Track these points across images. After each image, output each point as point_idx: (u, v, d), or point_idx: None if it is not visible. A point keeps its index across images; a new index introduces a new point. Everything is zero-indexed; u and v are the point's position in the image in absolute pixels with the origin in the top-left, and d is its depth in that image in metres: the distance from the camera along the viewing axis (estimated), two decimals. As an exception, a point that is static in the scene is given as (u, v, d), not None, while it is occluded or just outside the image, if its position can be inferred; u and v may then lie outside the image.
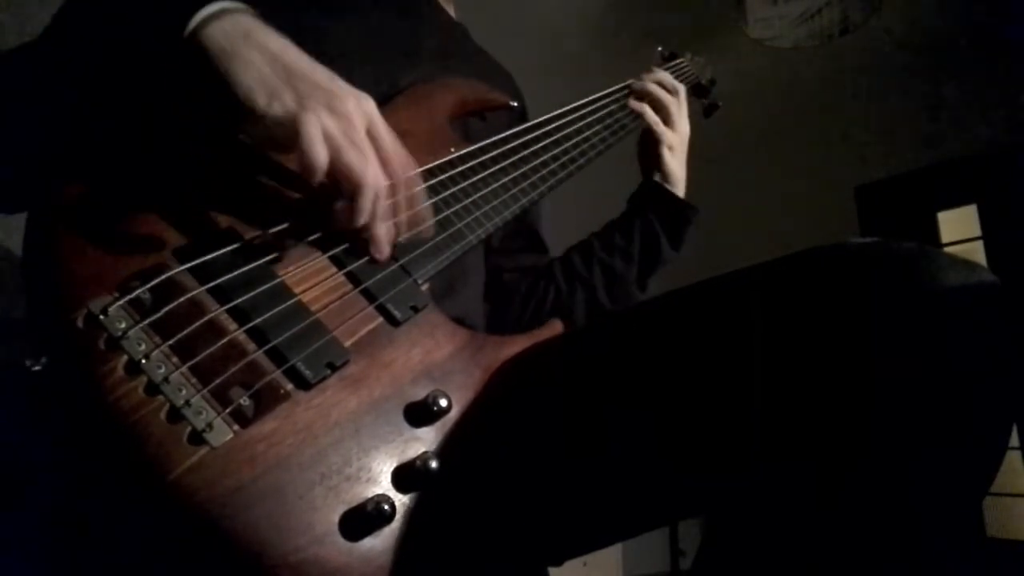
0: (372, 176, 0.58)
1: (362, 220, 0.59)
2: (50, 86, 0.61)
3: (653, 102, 1.10)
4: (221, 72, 0.56)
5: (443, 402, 0.57)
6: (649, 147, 1.11)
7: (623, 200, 1.16)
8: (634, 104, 1.09)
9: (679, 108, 1.12)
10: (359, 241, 0.62)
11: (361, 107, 0.59)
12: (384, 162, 0.60)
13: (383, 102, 0.80)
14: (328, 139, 0.56)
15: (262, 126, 0.57)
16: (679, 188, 1.12)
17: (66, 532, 0.52)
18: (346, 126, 0.57)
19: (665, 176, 1.11)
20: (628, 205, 1.14)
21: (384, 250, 0.62)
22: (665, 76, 1.14)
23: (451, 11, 1.08)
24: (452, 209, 0.74)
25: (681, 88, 1.14)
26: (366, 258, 0.63)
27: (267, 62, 0.57)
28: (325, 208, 0.63)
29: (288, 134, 0.55)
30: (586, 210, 1.16)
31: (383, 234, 0.62)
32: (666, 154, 1.10)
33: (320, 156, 0.55)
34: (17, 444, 0.55)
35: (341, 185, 0.58)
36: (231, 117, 0.58)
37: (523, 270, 1.09)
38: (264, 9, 0.77)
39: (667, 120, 1.10)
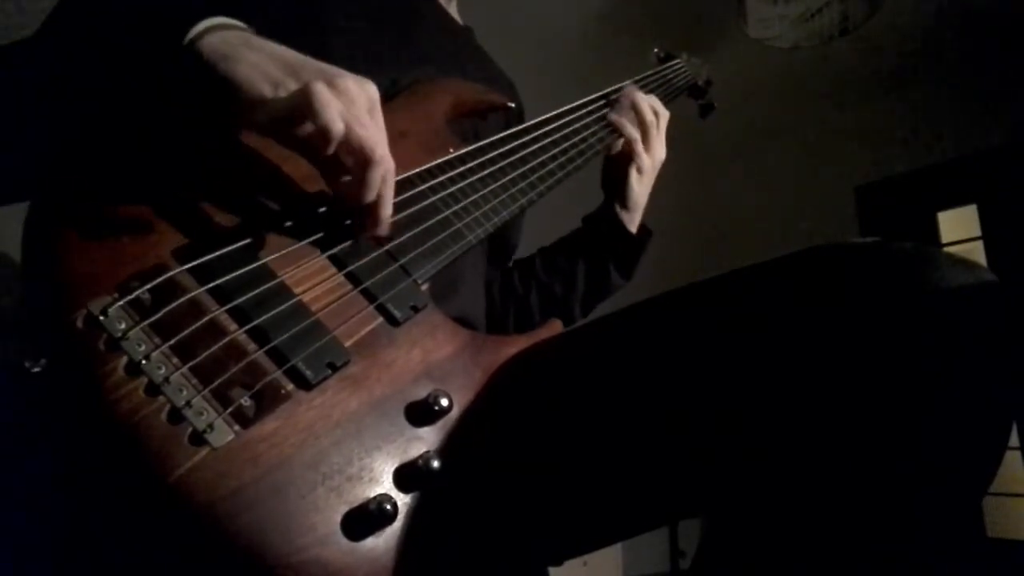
0: (383, 149, 0.58)
1: (371, 195, 0.59)
2: (45, 84, 0.61)
3: (632, 120, 1.05)
4: (221, 73, 0.56)
5: (444, 402, 0.57)
6: (617, 165, 1.06)
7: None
8: (613, 117, 1.04)
9: (659, 132, 1.07)
10: (358, 235, 0.62)
11: (363, 89, 0.59)
12: None
13: (382, 102, 0.80)
14: (338, 113, 0.56)
15: (268, 111, 0.56)
16: (638, 214, 1.07)
17: (67, 534, 0.51)
18: (350, 104, 0.57)
19: (625, 200, 1.06)
20: (583, 224, 1.11)
21: (384, 228, 0.62)
22: (651, 97, 1.08)
23: (454, 13, 1.08)
24: (452, 209, 0.74)
25: (664, 114, 1.08)
26: (366, 258, 0.63)
27: (267, 60, 0.57)
28: (326, 207, 0.64)
29: (299, 109, 0.55)
30: (576, 213, 1.14)
31: (388, 213, 0.61)
32: (633, 176, 1.05)
33: (337, 121, 0.55)
34: (16, 446, 0.55)
35: (351, 159, 0.58)
36: (232, 114, 0.58)
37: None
38: (265, 10, 0.77)
39: (644, 139, 1.05)
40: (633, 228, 1.07)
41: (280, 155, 0.63)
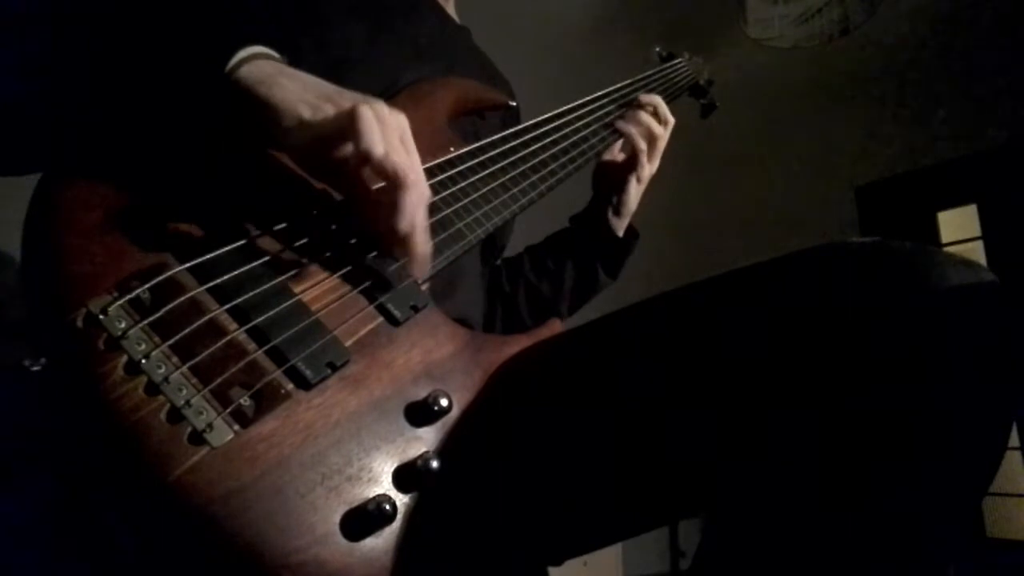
0: (416, 175, 0.59)
1: (403, 220, 0.59)
2: (54, 78, 0.61)
3: (643, 130, 1.05)
4: (260, 98, 0.58)
5: (444, 402, 0.57)
6: (616, 171, 1.06)
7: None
8: (625, 128, 1.04)
9: (662, 142, 1.07)
10: (381, 244, 0.63)
11: (395, 116, 0.60)
12: None
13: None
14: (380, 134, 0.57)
15: (310, 132, 0.58)
16: (627, 220, 1.08)
17: (66, 533, 0.51)
18: (386, 129, 0.58)
19: (620, 205, 1.06)
20: (571, 224, 1.11)
21: (424, 268, 0.63)
22: (661, 104, 1.08)
23: (452, 12, 1.08)
24: (452, 208, 0.74)
25: (671, 121, 1.09)
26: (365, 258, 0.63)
27: (302, 87, 0.59)
28: (325, 207, 0.64)
29: (342, 129, 0.57)
30: (568, 213, 1.14)
31: (423, 246, 0.62)
32: (632, 184, 1.06)
33: (379, 144, 0.56)
34: (16, 445, 0.55)
35: (384, 183, 0.59)
36: (268, 136, 0.59)
37: None
38: (265, 11, 0.77)
39: (650, 151, 1.05)
40: (621, 232, 1.08)
41: (278, 155, 0.63)
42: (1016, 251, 2.13)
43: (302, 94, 0.59)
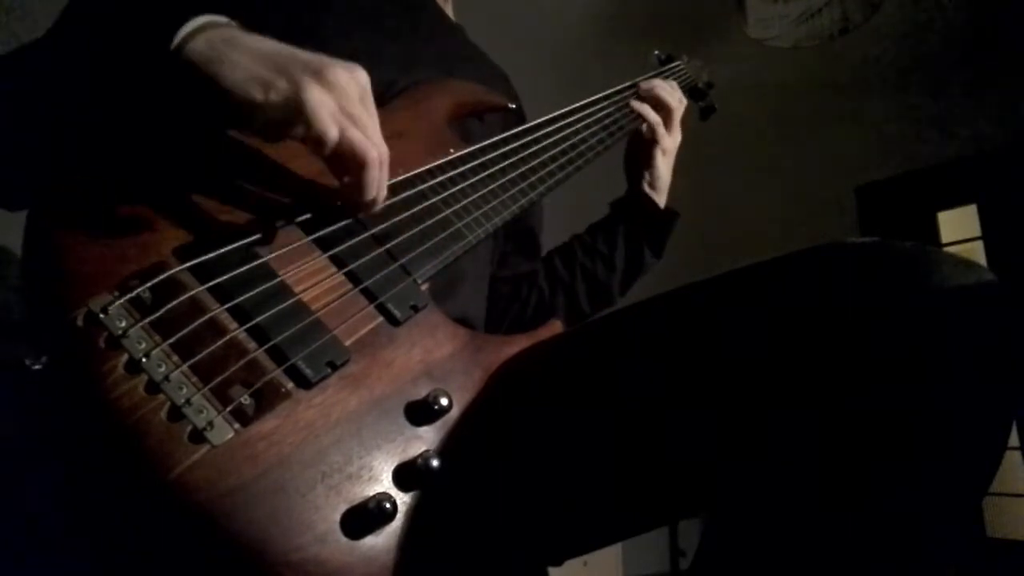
0: (376, 147, 0.59)
1: (370, 194, 0.60)
2: (48, 91, 0.61)
3: (656, 104, 1.11)
4: (210, 77, 0.56)
5: (444, 401, 0.57)
6: (642, 149, 1.13)
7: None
8: (636, 104, 1.11)
9: (678, 116, 1.14)
10: (348, 215, 0.63)
11: (353, 77, 0.59)
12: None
13: (382, 103, 0.80)
14: (331, 115, 0.56)
15: (262, 116, 0.56)
16: (664, 194, 1.14)
17: (66, 531, 0.52)
18: (342, 98, 0.57)
19: (653, 180, 1.12)
20: (612, 210, 1.15)
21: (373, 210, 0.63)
22: (672, 84, 1.16)
23: (449, 11, 1.08)
24: (452, 209, 0.74)
25: (684, 100, 1.15)
26: (366, 257, 0.63)
27: (253, 59, 0.57)
28: (325, 206, 0.64)
29: (291, 115, 0.55)
30: (580, 212, 1.16)
31: (381, 197, 0.62)
32: (659, 157, 1.12)
33: (330, 129, 0.56)
34: (17, 443, 0.55)
35: (345, 161, 0.59)
36: (224, 119, 0.58)
37: (514, 276, 1.09)
38: (261, 12, 0.77)
39: (667, 123, 1.12)
40: (661, 206, 1.14)
41: (278, 152, 0.63)
42: (1016, 251, 2.13)
43: (251, 69, 0.56)
